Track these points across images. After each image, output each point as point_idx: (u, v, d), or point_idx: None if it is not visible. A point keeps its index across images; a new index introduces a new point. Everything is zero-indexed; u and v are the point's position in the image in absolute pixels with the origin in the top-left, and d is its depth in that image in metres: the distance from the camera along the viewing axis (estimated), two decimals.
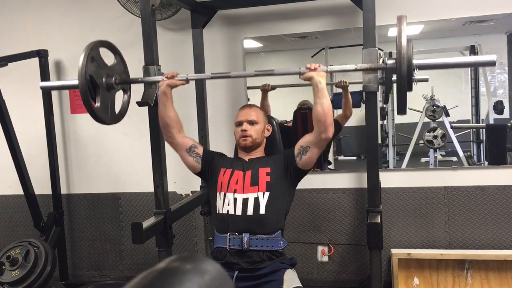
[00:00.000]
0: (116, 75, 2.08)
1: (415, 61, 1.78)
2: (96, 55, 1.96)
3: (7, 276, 2.66)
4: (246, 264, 1.99)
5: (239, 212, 2.04)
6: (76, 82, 1.90)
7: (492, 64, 1.80)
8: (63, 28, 3.30)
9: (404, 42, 1.70)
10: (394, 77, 1.88)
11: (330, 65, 2.06)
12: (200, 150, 2.20)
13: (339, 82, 3.03)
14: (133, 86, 2.64)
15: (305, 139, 2.06)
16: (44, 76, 3.14)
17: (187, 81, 2.14)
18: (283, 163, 2.11)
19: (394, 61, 1.76)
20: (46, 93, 3.16)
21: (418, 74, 1.83)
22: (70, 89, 2.06)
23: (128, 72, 2.21)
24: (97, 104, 1.96)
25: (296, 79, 2.08)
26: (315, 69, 1.97)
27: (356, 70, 2.05)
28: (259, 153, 2.23)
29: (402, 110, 1.83)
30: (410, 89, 1.81)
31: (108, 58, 2.11)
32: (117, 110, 2.16)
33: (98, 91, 1.97)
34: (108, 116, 2.04)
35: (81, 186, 3.40)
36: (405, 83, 1.72)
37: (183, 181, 3.15)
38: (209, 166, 2.18)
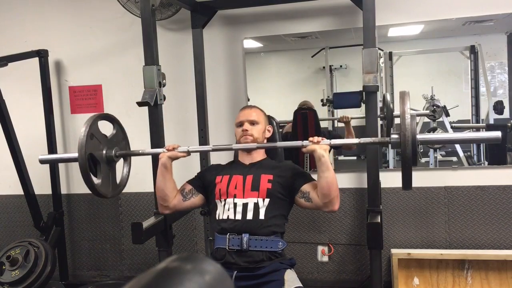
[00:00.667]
0: (116, 147, 2.08)
1: (419, 137, 1.74)
2: (95, 130, 1.96)
3: (7, 276, 2.66)
4: (245, 264, 1.99)
5: (238, 216, 2.03)
6: (75, 155, 1.90)
7: (497, 140, 1.76)
8: (63, 28, 3.30)
9: (408, 120, 1.68)
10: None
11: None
12: (188, 186, 2.20)
13: (341, 118, 3.11)
14: (134, 81, 2.65)
15: (315, 194, 2.00)
16: (44, 76, 3.14)
17: (188, 153, 2.12)
18: (289, 181, 2.09)
19: (398, 136, 1.74)
20: (46, 93, 3.16)
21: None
22: (71, 162, 2.08)
23: (127, 139, 2.21)
24: (98, 181, 1.96)
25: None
26: (317, 142, 1.94)
27: (359, 143, 1.99)
28: (260, 154, 2.22)
29: (407, 186, 1.77)
30: (415, 164, 1.76)
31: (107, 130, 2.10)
32: (118, 179, 2.16)
33: (98, 166, 1.97)
34: (110, 190, 2.05)
35: (81, 186, 3.35)
36: (410, 164, 1.70)
37: (183, 181, 3.14)
38: (206, 187, 2.19)
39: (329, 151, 1.98)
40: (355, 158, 3.66)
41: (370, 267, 2.36)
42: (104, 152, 2.01)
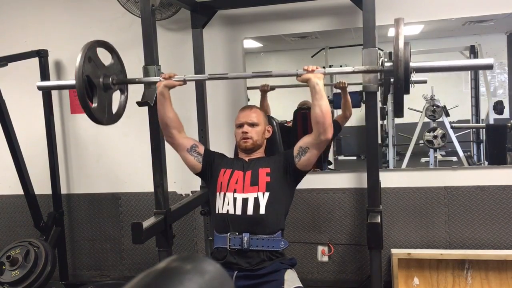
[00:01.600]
0: (113, 75, 2.08)
1: (412, 64, 1.77)
2: (93, 55, 1.96)
3: (7, 276, 2.66)
4: (246, 264, 1.99)
5: (239, 212, 2.03)
6: (73, 82, 1.89)
7: (489, 67, 1.80)
8: (63, 28, 3.30)
9: (401, 44, 1.69)
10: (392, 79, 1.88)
11: (328, 67, 2.05)
12: (201, 149, 2.20)
13: (337, 83, 3.04)
14: (133, 86, 2.64)
15: (304, 140, 2.05)
16: (44, 76, 3.14)
17: (184, 82, 2.13)
18: (283, 163, 2.11)
19: (391, 63, 1.76)
20: (46, 93, 3.16)
21: (417, 76, 1.83)
22: (67, 89, 2.06)
23: (125, 72, 2.21)
24: (94, 105, 1.95)
25: (295, 80, 2.08)
26: (312, 71, 1.96)
27: (354, 72, 2.05)
28: (259, 154, 2.23)
29: (398, 112, 1.81)
30: (407, 92, 1.81)
31: (106, 58, 2.10)
32: (114, 110, 2.15)
33: (95, 91, 1.97)
34: (105, 116, 2.04)
35: (81, 186, 3.40)
36: (402, 86, 1.72)
37: (183, 181, 3.15)
38: (210, 167, 2.18)
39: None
40: (355, 158, 3.66)
41: (370, 267, 2.35)
42: (101, 79, 2.00)
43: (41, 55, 3.11)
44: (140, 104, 2.25)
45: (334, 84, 3.11)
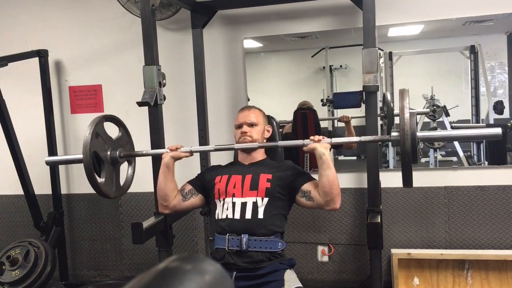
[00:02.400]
0: (120, 148, 2.08)
1: (419, 134, 1.74)
2: (101, 130, 1.97)
3: (7, 276, 2.66)
4: (245, 264, 1.99)
5: (237, 216, 2.03)
6: (80, 156, 1.90)
7: (497, 137, 1.75)
8: (63, 28, 3.30)
9: (407, 117, 1.68)
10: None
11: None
12: (188, 186, 2.20)
13: (341, 117, 3.11)
14: (134, 86, 2.66)
15: (316, 193, 2.00)
16: (44, 76, 3.14)
17: (191, 153, 2.13)
18: (288, 180, 2.09)
19: (398, 133, 1.74)
20: (46, 93, 3.16)
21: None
22: (76, 163, 2.08)
23: (132, 143, 2.22)
24: (102, 179, 1.96)
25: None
26: (318, 141, 1.95)
27: (360, 141, 1.98)
28: (260, 155, 2.22)
29: (407, 184, 1.77)
30: (415, 162, 1.76)
31: (113, 131, 2.12)
32: (122, 181, 2.16)
33: (102, 166, 1.97)
34: (113, 190, 2.04)
35: (81, 186, 3.40)
36: (409, 159, 1.69)
37: (183, 181, 3.14)
38: (205, 187, 2.19)
39: (330, 150, 1.98)
40: (355, 158, 3.66)
41: (370, 267, 2.35)
42: (108, 152, 2.02)
43: (41, 55, 3.11)
44: (140, 104, 2.25)
45: (338, 118, 3.17)
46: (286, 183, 2.08)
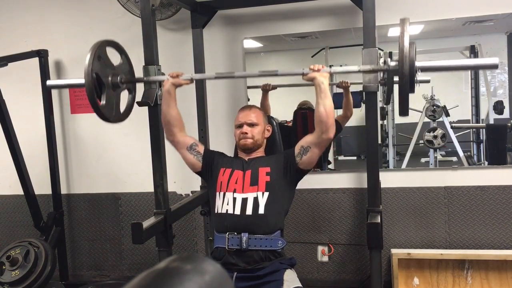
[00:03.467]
0: (121, 74, 2.09)
1: (417, 63, 1.78)
2: (103, 53, 1.98)
3: (7, 276, 2.66)
4: (245, 264, 1.99)
5: (238, 211, 2.03)
6: (82, 80, 1.90)
7: (494, 67, 1.80)
8: (63, 28, 3.30)
9: (406, 44, 1.69)
10: (396, 78, 1.88)
11: (328, 67, 2.06)
12: (201, 148, 2.21)
13: (340, 83, 3.04)
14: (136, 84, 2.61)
15: (306, 139, 2.05)
16: (44, 76, 3.14)
17: (191, 80, 2.16)
18: (283, 163, 2.11)
19: (396, 62, 1.76)
20: (46, 93, 3.16)
21: (420, 76, 1.83)
22: (76, 87, 2.08)
23: (133, 72, 2.22)
24: (103, 102, 1.97)
25: (298, 79, 2.09)
26: (318, 70, 1.97)
27: (359, 71, 2.05)
28: (259, 153, 2.23)
29: (404, 112, 1.82)
30: (412, 90, 1.81)
31: (115, 58, 2.10)
32: (122, 109, 2.16)
33: (103, 89, 1.98)
34: (113, 114, 2.05)
35: (81, 186, 3.40)
36: (407, 85, 1.72)
37: (183, 181, 3.15)
38: (210, 165, 2.19)
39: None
40: (355, 158, 3.66)
41: (370, 267, 2.35)
42: (110, 78, 2.02)
43: (41, 55, 3.11)
44: (140, 104, 2.25)
45: (337, 83, 3.10)
46: (283, 167, 2.10)
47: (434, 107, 3.34)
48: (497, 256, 2.74)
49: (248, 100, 3.09)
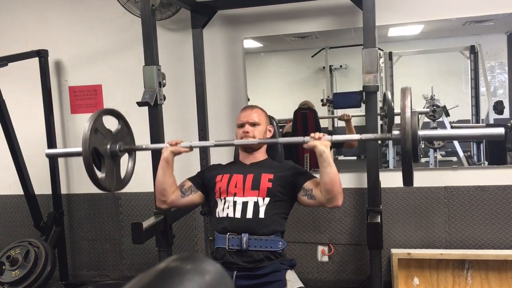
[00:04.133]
0: (120, 141, 2.06)
1: (420, 133, 1.72)
2: (100, 125, 1.95)
3: (7, 276, 2.66)
4: (245, 263, 1.99)
5: (238, 215, 2.03)
6: (80, 149, 1.89)
7: (500, 137, 1.73)
8: (63, 28, 3.30)
9: (408, 115, 1.66)
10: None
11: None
12: (188, 183, 2.19)
13: (342, 116, 3.09)
14: (134, 86, 2.65)
15: (317, 191, 1.99)
16: (44, 76, 3.14)
17: (191, 148, 2.11)
18: (289, 179, 2.08)
19: (399, 132, 1.72)
20: (46, 93, 3.16)
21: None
22: (75, 156, 2.08)
23: (132, 134, 2.18)
24: (102, 174, 1.94)
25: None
26: (319, 138, 1.93)
27: (360, 140, 1.96)
28: (261, 154, 2.22)
29: (408, 182, 1.75)
30: (417, 161, 1.74)
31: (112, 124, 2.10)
32: (122, 174, 2.14)
33: (102, 160, 1.96)
34: (113, 184, 2.03)
35: (81, 186, 3.40)
36: (410, 158, 1.68)
37: (182, 178, 3.14)
38: (205, 185, 2.18)
39: (331, 149, 1.97)
40: (355, 158, 3.66)
41: (370, 267, 2.36)
42: (108, 146, 2.01)
43: (41, 55, 3.11)
44: (140, 104, 2.25)
45: (338, 116, 3.16)
46: (287, 183, 2.08)
47: (434, 107, 3.34)
48: (497, 256, 2.74)
49: (248, 100, 3.09)
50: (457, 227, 2.88)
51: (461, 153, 3.30)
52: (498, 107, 3.26)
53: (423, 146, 3.30)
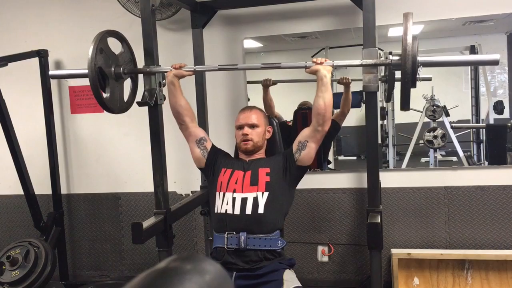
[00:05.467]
0: (124, 64, 2.11)
1: (419, 58, 1.80)
2: (105, 46, 1.99)
3: (7, 276, 2.66)
4: (243, 263, 1.99)
5: (237, 211, 2.03)
6: (84, 71, 1.92)
7: (495, 63, 1.83)
8: (63, 28, 3.30)
9: (410, 39, 1.71)
10: (398, 75, 1.90)
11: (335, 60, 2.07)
12: (208, 144, 2.23)
13: (341, 79, 3.02)
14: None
15: (303, 134, 2.09)
16: (44, 76, 3.14)
17: (194, 71, 2.20)
18: (283, 163, 2.12)
19: (399, 57, 1.78)
20: (46, 93, 3.16)
21: (421, 73, 1.85)
22: (80, 77, 2.12)
23: (135, 60, 2.24)
24: (107, 95, 1.98)
25: (299, 74, 2.10)
26: (321, 63, 2.01)
27: (361, 65, 2.08)
28: (260, 155, 2.23)
29: (405, 105, 1.85)
30: (414, 85, 1.85)
31: (116, 47, 2.12)
32: (125, 98, 2.18)
33: (107, 81, 1.99)
34: (117, 105, 2.08)
35: (81, 186, 3.40)
36: (409, 79, 1.74)
37: (183, 181, 3.15)
38: (213, 164, 2.20)
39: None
40: (355, 158, 3.66)
41: (370, 267, 2.35)
42: (112, 68, 2.03)
43: (41, 55, 3.11)
44: (140, 104, 2.25)
45: (338, 79, 3.09)
46: (283, 167, 2.11)
47: (434, 107, 3.34)
48: (497, 256, 2.74)
49: (248, 100, 3.08)
50: (457, 227, 2.88)
51: (461, 153, 3.30)
52: (498, 107, 3.26)
53: (421, 69, 3.27)
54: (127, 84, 2.23)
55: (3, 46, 3.28)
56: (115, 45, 2.14)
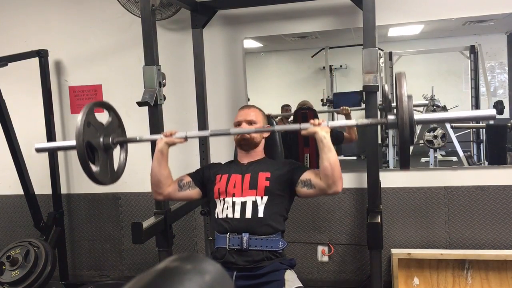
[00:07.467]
0: (112, 134, 2.04)
1: (416, 117, 1.72)
2: (92, 119, 1.93)
3: (7, 276, 2.66)
4: (245, 263, 1.99)
5: (237, 215, 2.03)
6: (73, 143, 1.88)
7: (492, 118, 1.77)
8: (63, 28, 3.30)
9: (405, 101, 1.67)
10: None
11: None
12: (187, 178, 2.18)
13: (341, 109, 3.08)
14: (134, 86, 2.62)
15: (317, 179, 1.99)
16: (44, 76, 3.14)
17: (185, 139, 2.09)
18: (286, 175, 2.08)
19: (394, 117, 1.73)
20: (46, 93, 3.16)
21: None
22: (68, 150, 2.05)
23: (123, 126, 2.15)
24: (97, 168, 1.94)
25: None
26: (319, 124, 1.94)
27: (357, 125, 1.98)
28: (258, 154, 2.22)
29: (405, 164, 1.77)
30: (412, 143, 1.76)
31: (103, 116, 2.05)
32: (115, 167, 2.11)
33: (96, 154, 1.95)
34: (108, 177, 2.02)
35: (81, 186, 3.40)
36: (407, 142, 1.69)
37: (181, 174, 3.14)
38: (205, 183, 2.17)
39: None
40: (355, 158, 3.66)
41: (370, 267, 2.36)
42: (101, 139, 2.00)
43: (41, 55, 3.11)
44: (140, 104, 2.25)
45: (337, 110, 3.16)
46: (284, 180, 2.08)
47: (434, 107, 3.34)
48: (497, 256, 2.74)
49: (248, 100, 3.09)
50: (457, 227, 2.88)
51: (461, 153, 3.30)
52: (498, 107, 3.26)
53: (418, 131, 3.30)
54: (117, 152, 2.14)
55: (3, 46, 3.28)
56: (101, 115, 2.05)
